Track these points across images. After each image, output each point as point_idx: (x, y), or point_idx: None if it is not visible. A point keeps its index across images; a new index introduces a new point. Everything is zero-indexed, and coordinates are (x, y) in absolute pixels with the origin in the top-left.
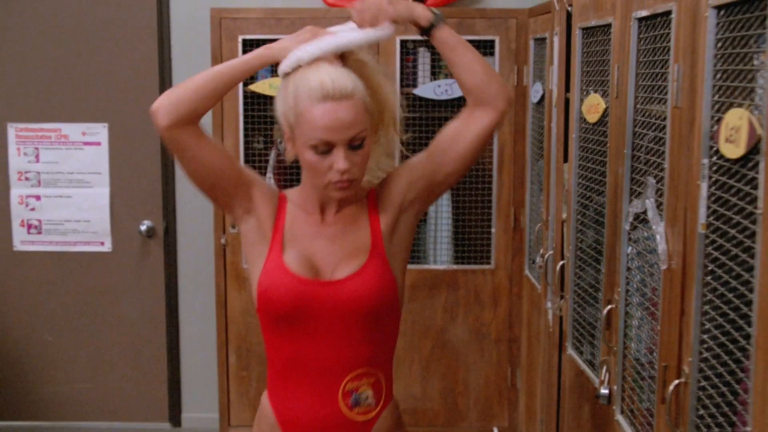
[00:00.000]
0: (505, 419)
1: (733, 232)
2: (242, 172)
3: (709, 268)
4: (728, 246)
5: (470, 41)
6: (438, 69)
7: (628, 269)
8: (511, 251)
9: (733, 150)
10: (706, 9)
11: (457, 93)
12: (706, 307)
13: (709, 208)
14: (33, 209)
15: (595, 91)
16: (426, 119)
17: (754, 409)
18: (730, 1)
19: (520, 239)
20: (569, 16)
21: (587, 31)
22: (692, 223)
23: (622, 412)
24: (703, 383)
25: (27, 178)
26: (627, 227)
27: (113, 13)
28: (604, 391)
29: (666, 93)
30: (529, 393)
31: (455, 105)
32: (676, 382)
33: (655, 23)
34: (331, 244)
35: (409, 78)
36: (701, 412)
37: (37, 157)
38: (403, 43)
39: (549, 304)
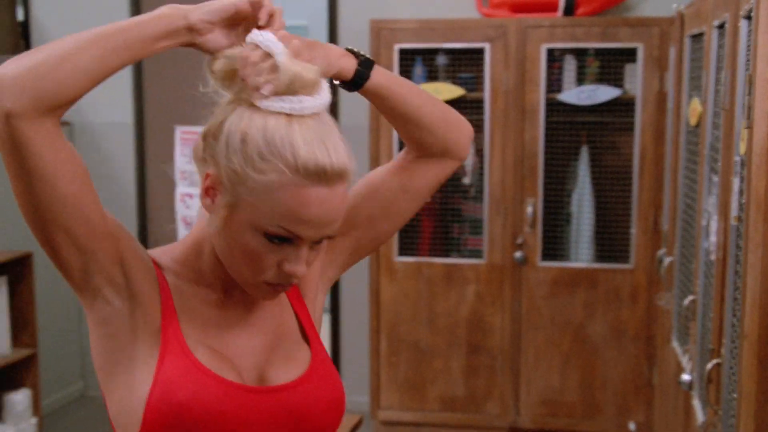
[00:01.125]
0: (641, 415)
1: None
2: (105, 215)
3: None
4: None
5: (613, 49)
6: (583, 75)
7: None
8: (650, 252)
9: None
10: None
11: (601, 98)
12: (737, 294)
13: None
14: (188, 207)
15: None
16: (570, 123)
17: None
18: None
19: (659, 240)
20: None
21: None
22: (728, 217)
23: (700, 398)
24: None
25: (184, 178)
26: (704, 223)
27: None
28: (686, 377)
29: None
30: (665, 390)
31: (598, 110)
32: (714, 362)
33: None
34: (250, 336)
35: (554, 84)
36: (734, 394)
37: None
38: (550, 51)
39: (664, 301)
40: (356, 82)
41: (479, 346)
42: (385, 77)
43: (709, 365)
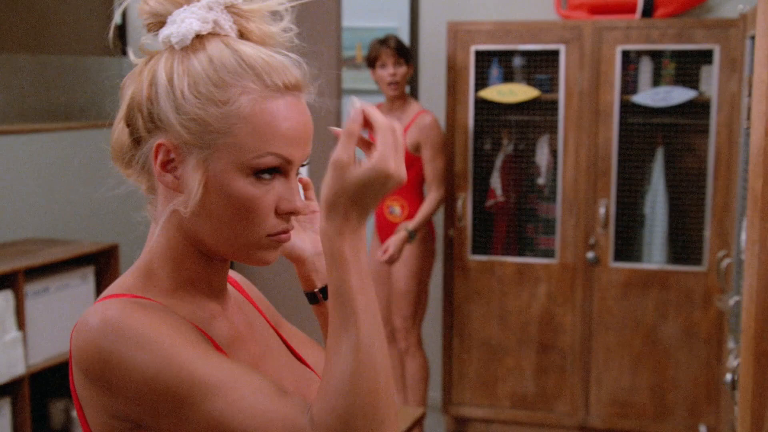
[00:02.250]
0: (712, 418)
1: None
2: None
3: None
4: None
5: (689, 51)
6: (659, 77)
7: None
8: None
9: None
10: None
11: (675, 100)
12: None
13: None
14: None
15: None
16: (645, 125)
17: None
18: None
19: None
20: None
21: None
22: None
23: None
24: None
25: None
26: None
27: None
28: (728, 377)
29: None
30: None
31: (673, 111)
32: (736, 363)
33: None
34: (277, 355)
35: (629, 86)
36: None
37: None
38: (625, 53)
39: (722, 302)
40: (323, 292)
41: (550, 345)
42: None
43: (733, 365)
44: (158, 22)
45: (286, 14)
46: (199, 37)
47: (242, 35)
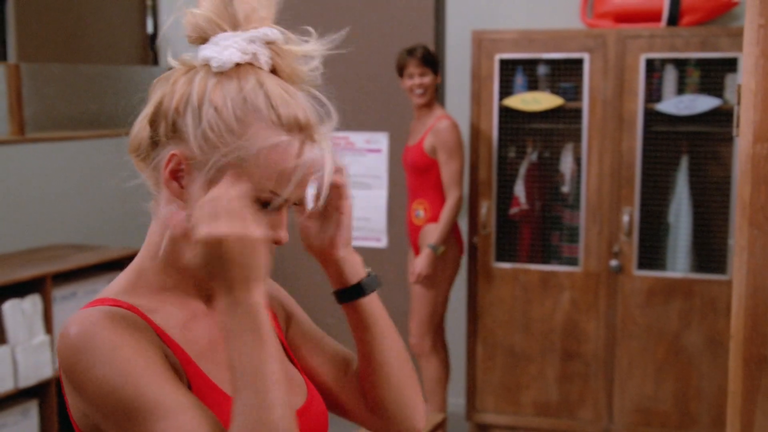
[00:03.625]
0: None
1: None
2: None
3: None
4: None
5: (714, 59)
6: (683, 85)
7: None
8: None
9: None
10: None
11: (700, 108)
12: None
13: None
14: None
15: None
16: (670, 133)
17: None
18: None
19: None
20: None
21: None
22: None
23: None
24: None
25: None
26: None
27: (396, 36)
28: None
29: None
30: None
31: (698, 120)
32: None
33: None
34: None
35: (653, 94)
36: None
37: None
38: (649, 61)
39: None
40: (356, 290)
41: (574, 352)
42: (380, 308)
43: None
44: (200, 37)
45: (317, 56)
46: (236, 65)
47: (274, 70)
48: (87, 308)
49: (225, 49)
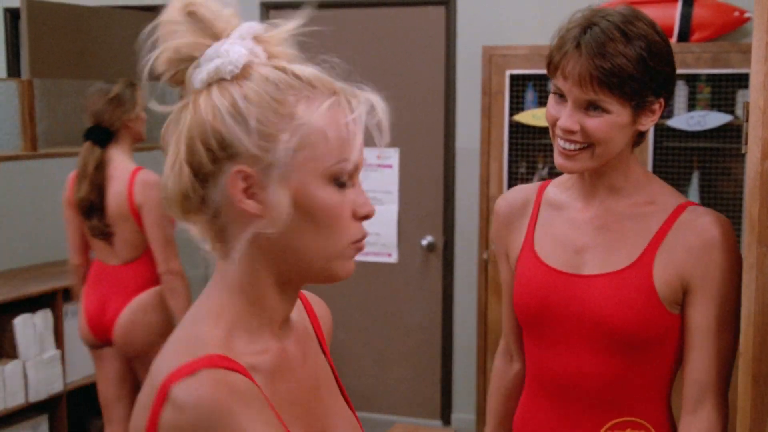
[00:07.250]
0: None
1: None
2: None
3: None
4: None
5: (725, 75)
6: (694, 101)
7: None
8: None
9: None
10: None
11: (711, 124)
12: None
13: None
14: None
15: None
16: (681, 149)
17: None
18: None
19: None
20: None
21: None
22: None
23: None
24: None
25: None
26: None
27: (408, 52)
28: None
29: None
30: None
31: (709, 135)
32: None
33: None
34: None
35: (664, 110)
36: None
37: None
38: None
39: None
40: None
41: None
42: None
43: None
44: (185, 62)
45: (300, 30)
46: (244, 66)
47: (272, 59)
48: (192, 367)
49: (227, 53)
